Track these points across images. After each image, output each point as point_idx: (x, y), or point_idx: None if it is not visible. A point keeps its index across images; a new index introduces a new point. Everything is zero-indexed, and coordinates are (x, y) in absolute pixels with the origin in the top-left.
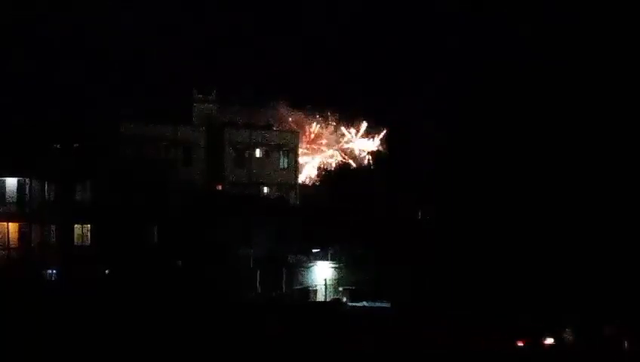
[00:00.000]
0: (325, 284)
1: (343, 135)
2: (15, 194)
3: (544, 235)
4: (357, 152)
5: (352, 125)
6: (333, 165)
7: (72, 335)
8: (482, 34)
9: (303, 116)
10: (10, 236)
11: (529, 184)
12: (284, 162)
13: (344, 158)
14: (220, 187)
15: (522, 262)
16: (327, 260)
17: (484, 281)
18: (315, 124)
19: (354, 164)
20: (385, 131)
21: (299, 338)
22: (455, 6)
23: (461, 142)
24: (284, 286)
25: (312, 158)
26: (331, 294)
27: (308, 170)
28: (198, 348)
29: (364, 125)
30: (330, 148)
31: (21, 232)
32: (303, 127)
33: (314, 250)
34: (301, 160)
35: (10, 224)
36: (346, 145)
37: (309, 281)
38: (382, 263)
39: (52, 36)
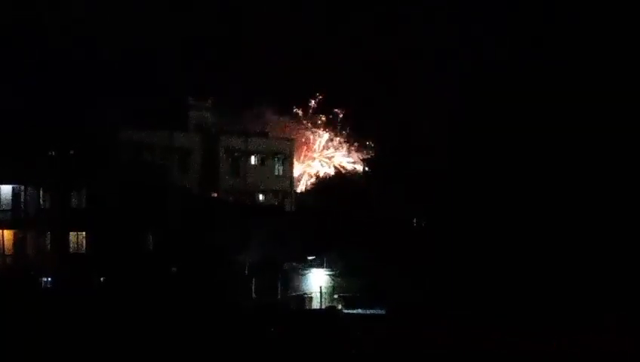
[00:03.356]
0: (321, 292)
1: (331, 140)
2: (10, 201)
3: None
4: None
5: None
6: (327, 173)
7: (67, 341)
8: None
9: (293, 122)
10: (5, 243)
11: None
12: (279, 169)
13: (336, 167)
14: (215, 194)
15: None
16: (323, 267)
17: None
18: (307, 131)
19: (349, 169)
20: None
21: (295, 345)
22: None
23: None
24: (279, 294)
25: (307, 165)
26: (327, 301)
27: (303, 178)
28: (191, 356)
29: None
30: (321, 156)
31: (16, 240)
32: (295, 135)
33: (309, 257)
34: (295, 167)
35: (5, 231)
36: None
37: (305, 288)
38: (379, 267)
39: (47, 42)
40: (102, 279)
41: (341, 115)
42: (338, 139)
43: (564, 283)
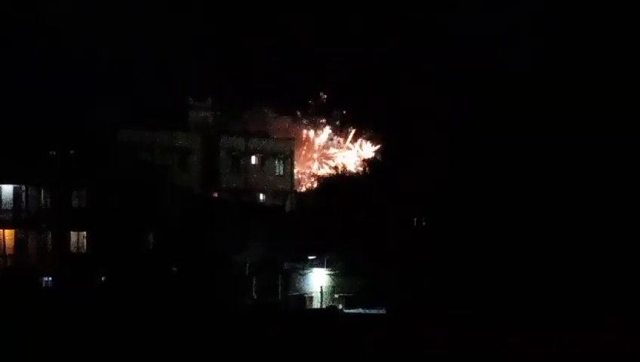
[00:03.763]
0: (321, 291)
1: (331, 140)
2: (11, 201)
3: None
4: (347, 160)
5: (343, 132)
6: (327, 173)
7: (68, 341)
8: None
9: (293, 122)
10: (6, 243)
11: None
12: (279, 169)
13: (336, 166)
14: (215, 194)
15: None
16: (324, 267)
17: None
18: (307, 130)
19: (349, 169)
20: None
21: (295, 345)
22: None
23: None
24: (279, 293)
25: (307, 165)
26: (327, 301)
27: (303, 177)
28: (191, 356)
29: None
30: (321, 156)
31: (17, 239)
32: (295, 134)
33: (310, 257)
34: (296, 167)
35: (6, 231)
36: (336, 153)
37: (305, 288)
38: (379, 267)
39: (47, 42)
40: (102, 279)
41: (341, 115)
42: (338, 138)
43: (564, 283)
